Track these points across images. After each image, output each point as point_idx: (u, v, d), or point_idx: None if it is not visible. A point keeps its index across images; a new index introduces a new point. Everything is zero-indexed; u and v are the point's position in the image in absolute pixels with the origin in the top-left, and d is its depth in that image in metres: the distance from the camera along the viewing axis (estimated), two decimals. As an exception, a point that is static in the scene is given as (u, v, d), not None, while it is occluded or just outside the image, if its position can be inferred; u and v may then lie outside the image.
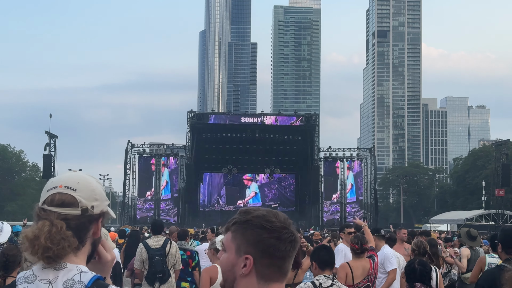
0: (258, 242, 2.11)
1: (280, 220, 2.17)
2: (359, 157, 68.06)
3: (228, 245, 2.17)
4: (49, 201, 2.27)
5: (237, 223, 2.17)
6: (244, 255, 2.11)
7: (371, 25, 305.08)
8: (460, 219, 72.60)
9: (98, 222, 2.35)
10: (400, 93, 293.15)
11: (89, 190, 2.32)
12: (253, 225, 2.13)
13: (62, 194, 2.27)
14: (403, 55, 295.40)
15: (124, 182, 65.56)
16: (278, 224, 2.15)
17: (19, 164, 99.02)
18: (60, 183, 2.30)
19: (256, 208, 2.23)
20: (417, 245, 9.00)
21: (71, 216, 2.25)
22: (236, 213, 2.24)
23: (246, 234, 2.13)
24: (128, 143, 65.23)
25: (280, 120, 66.73)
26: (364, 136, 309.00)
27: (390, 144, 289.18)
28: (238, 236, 2.14)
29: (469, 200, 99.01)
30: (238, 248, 2.13)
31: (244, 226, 2.14)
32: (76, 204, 2.27)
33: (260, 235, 2.11)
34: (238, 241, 2.14)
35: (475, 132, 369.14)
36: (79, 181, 2.32)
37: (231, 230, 2.18)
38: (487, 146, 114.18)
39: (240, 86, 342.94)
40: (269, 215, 2.17)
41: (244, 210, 2.21)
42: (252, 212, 2.18)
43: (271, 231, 2.12)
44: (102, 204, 2.37)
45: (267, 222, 2.14)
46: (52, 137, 57.82)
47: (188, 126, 65.18)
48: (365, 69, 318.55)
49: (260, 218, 2.15)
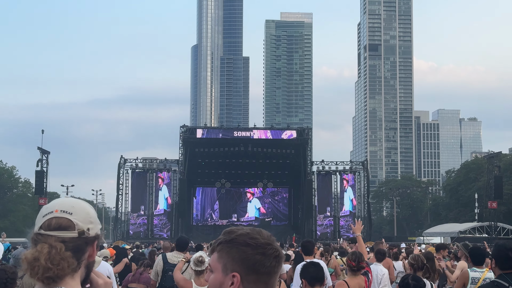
0: (243, 259, 2.16)
1: (264, 237, 2.22)
2: (352, 170, 68.18)
3: (215, 265, 2.22)
4: (45, 226, 2.31)
5: (222, 243, 2.22)
6: (231, 273, 2.15)
7: (363, 38, 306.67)
8: (453, 232, 72.72)
9: (93, 244, 2.39)
10: (392, 106, 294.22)
11: (84, 213, 2.37)
12: (238, 243, 2.18)
13: (58, 218, 2.31)
14: (395, 68, 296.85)
15: (117, 197, 65.37)
16: (262, 240, 2.20)
17: (11, 180, 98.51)
18: (56, 207, 2.35)
19: (239, 227, 2.28)
20: (414, 259, 8.97)
21: (68, 239, 2.29)
22: (221, 233, 2.29)
23: (232, 252, 2.18)
24: (121, 158, 65.13)
25: (272, 134, 66.78)
26: (357, 149, 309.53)
27: (382, 157, 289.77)
28: (224, 255, 2.19)
29: (462, 213, 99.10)
30: (224, 267, 2.18)
31: (229, 245, 2.19)
32: (73, 227, 2.31)
33: (245, 252, 2.16)
34: (224, 260, 2.18)
35: (467, 144, 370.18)
36: (74, 205, 2.37)
37: (216, 251, 2.23)
38: (479, 159, 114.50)
39: (233, 100, 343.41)
40: (252, 232, 2.22)
41: (228, 230, 2.26)
42: (236, 231, 2.23)
43: (256, 247, 2.17)
44: (96, 227, 2.41)
45: (251, 239, 2.19)
46: (45, 153, 57.62)
47: (181, 141, 65.13)
48: (357, 82, 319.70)
49: (244, 236, 2.20)
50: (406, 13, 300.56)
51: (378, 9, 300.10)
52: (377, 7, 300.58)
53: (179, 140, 65.60)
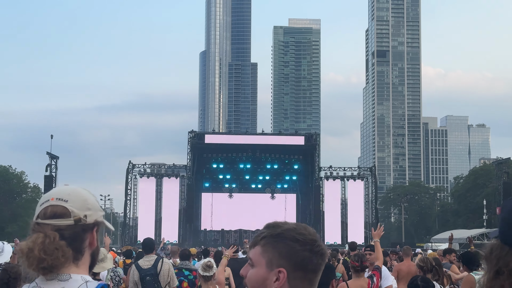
0: (291, 255, 2.06)
1: (310, 233, 2.13)
2: (360, 176, 68.12)
3: (257, 260, 2.11)
4: (42, 214, 2.32)
5: (267, 237, 2.12)
6: (277, 269, 2.06)
7: (371, 45, 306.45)
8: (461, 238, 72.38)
9: (93, 231, 2.39)
10: (400, 112, 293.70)
11: (81, 200, 2.37)
12: (286, 238, 2.08)
13: (54, 206, 2.32)
14: (403, 74, 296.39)
15: (125, 202, 65.57)
16: (309, 237, 2.11)
17: (20, 185, 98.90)
18: (52, 196, 2.36)
19: (283, 222, 2.18)
20: (423, 261, 9.02)
21: (64, 227, 2.29)
22: (263, 227, 2.19)
23: (278, 247, 2.07)
24: (129, 164, 65.33)
25: (280, 140, 66.82)
26: (365, 155, 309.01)
27: (390, 163, 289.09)
28: (269, 250, 2.08)
29: (470, 219, 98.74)
30: (269, 262, 2.07)
31: (276, 239, 2.09)
32: (68, 215, 2.31)
33: (293, 248, 2.07)
34: (269, 254, 2.08)
35: (476, 150, 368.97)
36: (70, 193, 2.38)
37: (260, 244, 2.12)
38: (487, 165, 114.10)
39: (241, 106, 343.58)
40: (299, 228, 2.13)
41: (273, 224, 2.17)
42: (282, 226, 2.14)
43: (304, 243, 2.08)
44: (96, 214, 2.40)
45: (299, 234, 2.09)
46: (53, 158, 57.94)
47: (189, 146, 65.29)
48: (365, 89, 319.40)
49: (291, 231, 2.10)
50: (414, 19, 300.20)
51: (386, 16, 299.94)
52: (385, 14, 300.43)
53: (187, 145, 65.77)
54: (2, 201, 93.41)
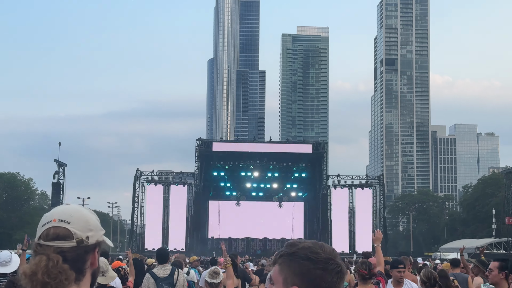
0: (304, 273, 2.13)
1: (326, 251, 2.19)
2: (368, 185, 67.87)
3: (276, 278, 2.20)
4: (44, 235, 2.30)
5: (283, 256, 2.20)
6: (291, 287, 2.14)
7: (379, 52, 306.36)
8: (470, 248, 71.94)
9: (94, 252, 2.38)
10: (408, 121, 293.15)
11: (82, 221, 2.35)
12: (299, 257, 2.16)
13: (56, 228, 2.30)
14: (411, 82, 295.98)
15: (133, 210, 65.57)
16: (323, 255, 2.17)
17: (28, 192, 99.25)
18: (54, 217, 2.33)
19: (302, 240, 2.25)
20: (427, 276, 8.85)
21: (67, 249, 2.28)
22: (284, 245, 2.26)
23: (292, 266, 2.16)
24: (136, 171, 65.34)
25: (288, 148, 66.68)
26: (373, 164, 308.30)
27: (399, 172, 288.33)
28: (285, 268, 2.17)
29: (479, 228, 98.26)
30: (285, 280, 2.16)
31: (290, 258, 2.17)
32: (71, 236, 2.30)
33: (306, 267, 2.14)
34: (285, 273, 2.17)
35: (485, 159, 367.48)
36: (72, 214, 2.35)
37: (278, 263, 2.21)
38: (496, 174, 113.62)
39: (249, 113, 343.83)
40: (314, 246, 2.19)
41: (291, 243, 2.24)
42: (298, 244, 2.21)
43: (317, 262, 2.14)
44: (97, 234, 2.39)
45: (312, 253, 2.16)
46: (61, 165, 58.02)
47: (197, 154, 65.26)
48: (373, 97, 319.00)
49: (305, 249, 2.18)
50: (423, 27, 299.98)
51: (395, 24, 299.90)
52: (393, 22, 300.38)
53: (194, 153, 65.74)
54: (10, 208, 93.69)
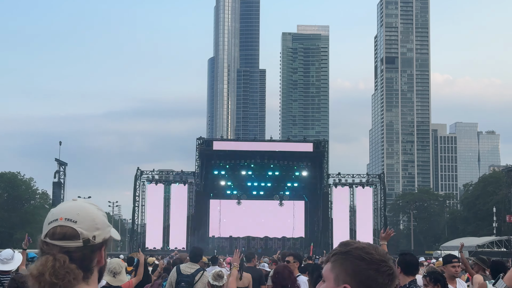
0: (356, 273, 2.16)
1: (380, 253, 2.22)
2: (368, 183, 67.88)
3: (327, 275, 2.22)
4: (50, 234, 2.29)
5: (337, 254, 2.24)
6: (343, 285, 2.16)
7: (380, 51, 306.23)
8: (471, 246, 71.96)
9: (101, 250, 2.37)
10: (409, 119, 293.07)
11: (89, 220, 2.33)
12: (353, 256, 2.19)
13: (63, 227, 2.29)
14: (412, 81, 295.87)
15: (133, 209, 65.59)
16: (377, 256, 2.19)
17: (28, 192, 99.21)
18: (61, 215, 2.31)
19: (356, 241, 2.29)
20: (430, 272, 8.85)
21: (73, 249, 2.27)
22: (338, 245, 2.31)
23: (345, 264, 2.18)
24: (137, 170, 65.36)
25: (289, 147, 66.68)
26: (373, 162, 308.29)
27: (399, 170, 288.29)
28: (337, 266, 2.20)
29: (480, 227, 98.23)
30: (336, 278, 2.18)
31: (344, 257, 2.20)
32: (77, 236, 2.28)
33: (358, 266, 2.16)
34: (337, 271, 2.19)
35: (485, 157, 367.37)
36: (79, 212, 2.33)
37: (330, 261, 2.24)
38: (497, 172, 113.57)
39: (249, 112, 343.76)
40: (368, 247, 2.23)
41: (345, 242, 2.29)
42: (352, 244, 2.25)
43: (370, 263, 2.17)
44: (104, 232, 2.38)
45: (366, 254, 2.19)
46: (62, 165, 58.05)
47: (197, 153, 65.27)
48: (374, 95, 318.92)
49: (359, 249, 2.21)
50: (423, 26, 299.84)
51: (395, 22, 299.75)
52: (394, 20, 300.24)
53: (195, 152, 65.75)
54: (10, 207, 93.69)
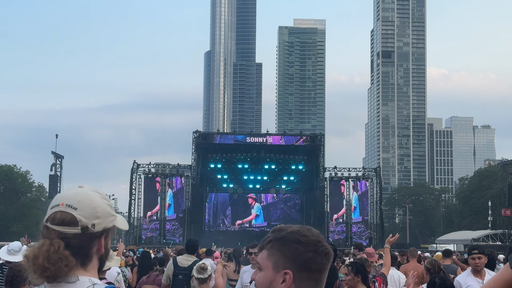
0: (295, 256, 2.15)
1: (314, 234, 2.23)
2: (364, 177, 68.02)
3: (264, 263, 2.20)
4: (51, 219, 2.31)
5: (272, 241, 2.21)
6: (283, 271, 2.15)
7: (376, 45, 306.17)
8: (466, 239, 72.32)
9: (101, 239, 2.39)
10: (405, 113, 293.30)
11: (90, 208, 2.34)
12: (289, 241, 2.17)
13: (62, 213, 2.31)
14: (408, 75, 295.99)
15: (130, 202, 65.60)
16: (312, 238, 2.20)
17: (25, 185, 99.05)
18: (63, 201, 2.34)
19: (288, 225, 2.27)
20: (431, 263, 8.99)
21: (71, 235, 2.28)
22: (269, 232, 2.28)
23: (283, 250, 2.17)
24: (133, 163, 65.38)
25: (285, 140, 66.75)
26: (369, 156, 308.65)
27: (395, 164, 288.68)
28: (275, 253, 2.18)
29: (475, 220, 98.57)
30: (275, 265, 2.17)
31: (280, 242, 2.18)
32: (76, 223, 2.29)
33: (297, 250, 2.16)
34: (275, 257, 2.18)
35: (481, 152, 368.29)
36: (81, 199, 2.35)
37: (266, 248, 2.22)
38: (492, 166, 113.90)
39: (245, 106, 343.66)
40: (302, 230, 2.22)
41: (278, 228, 2.26)
42: (286, 229, 2.23)
43: (307, 245, 2.17)
44: (106, 221, 2.40)
45: (302, 236, 2.18)
46: (58, 158, 58.10)
47: (194, 146, 65.29)
48: (370, 89, 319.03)
49: (295, 233, 2.19)
50: (420, 20, 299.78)
51: (392, 16, 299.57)
52: (390, 14, 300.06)
53: (191, 145, 65.76)
54: (7, 200, 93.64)
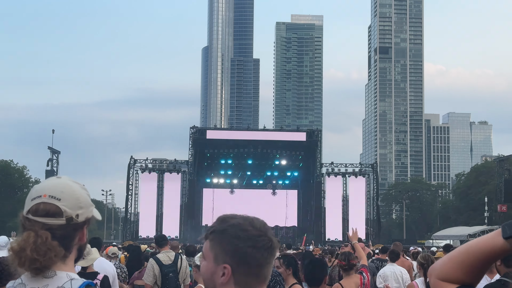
0: (234, 251, 2.14)
1: (256, 227, 2.19)
2: (361, 173, 68.07)
3: (207, 254, 2.21)
4: (33, 210, 2.28)
5: (214, 232, 2.20)
6: (222, 264, 2.14)
7: (373, 41, 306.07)
8: (463, 235, 72.38)
9: (83, 229, 2.38)
10: (402, 109, 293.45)
11: (73, 198, 2.33)
12: (229, 235, 2.16)
13: (46, 204, 2.28)
14: (405, 71, 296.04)
15: (127, 198, 65.62)
16: (254, 232, 2.17)
17: (21, 180, 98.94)
18: (44, 192, 2.31)
19: (233, 215, 2.25)
20: (425, 258, 9.01)
21: (56, 226, 2.25)
22: (215, 220, 2.27)
23: (223, 244, 2.16)
24: (130, 159, 65.34)
25: (282, 136, 66.75)
26: (367, 152, 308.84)
27: (392, 160, 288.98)
28: (216, 246, 2.17)
29: (471, 216, 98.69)
30: (216, 257, 2.17)
31: (221, 235, 2.17)
32: (60, 214, 2.27)
33: (236, 245, 2.14)
34: (215, 250, 2.17)
35: (478, 147, 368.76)
36: (63, 190, 2.32)
37: (209, 239, 2.21)
38: (489, 162, 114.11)
39: (243, 101, 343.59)
40: (244, 223, 2.19)
41: (222, 218, 2.24)
42: (229, 221, 2.21)
43: (246, 240, 2.14)
44: (87, 211, 2.38)
45: (242, 231, 2.16)
46: (55, 153, 58.07)
47: (191, 142, 65.28)
48: (367, 85, 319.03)
49: (235, 227, 2.17)
50: (417, 16, 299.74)
51: (389, 12, 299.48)
52: (388, 10, 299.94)
53: (188, 141, 65.75)
54: (3, 196, 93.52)
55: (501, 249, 1.81)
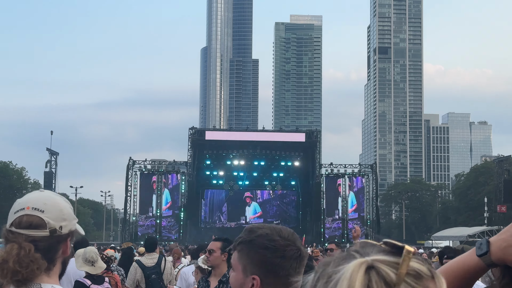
0: (262, 262, 2.16)
1: (284, 237, 2.21)
2: (360, 173, 67.99)
3: (236, 265, 2.23)
4: (16, 223, 2.26)
5: (242, 243, 2.23)
6: (251, 276, 2.17)
7: (373, 41, 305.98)
8: (462, 236, 72.26)
9: (67, 241, 2.35)
10: (401, 109, 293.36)
11: (57, 210, 2.31)
12: (257, 246, 2.18)
13: (29, 216, 2.26)
14: (405, 71, 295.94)
15: (126, 199, 65.50)
16: (281, 242, 2.19)
17: (20, 181, 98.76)
18: (28, 204, 2.29)
19: (260, 226, 2.27)
20: None
21: (39, 238, 2.24)
22: (243, 231, 2.30)
23: (251, 254, 2.19)
24: (129, 160, 65.23)
25: (281, 137, 66.66)
26: (366, 152, 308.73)
27: (392, 160, 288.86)
28: (244, 257, 2.21)
29: (471, 217, 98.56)
30: (244, 268, 2.19)
31: (249, 246, 2.20)
32: (44, 226, 2.26)
33: (264, 256, 2.17)
34: (244, 261, 2.20)
35: (477, 148, 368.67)
36: (46, 202, 2.31)
37: (237, 250, 2.24)
38: (489, 162, 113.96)
39: (242, 102, 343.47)
40: (272, 233, 2.21)
41: (249, 229, 2.27)
42: (256, 231, 2.23)
43: (275, 250, 2.17)
44: (71, 223, 2.35)
45: (270, 241, 2.18)
46: (53, 154, 57.97)
47: (190, 143, 65.19)
48: (367, 85, 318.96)
49: (263, 237, 2.20)
50: (416, 16, 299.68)
51: (388, 12, 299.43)
52: (387, 10, 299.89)
53: (187, 142, 65.67)
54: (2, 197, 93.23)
55: (476, 267, 1.78)
